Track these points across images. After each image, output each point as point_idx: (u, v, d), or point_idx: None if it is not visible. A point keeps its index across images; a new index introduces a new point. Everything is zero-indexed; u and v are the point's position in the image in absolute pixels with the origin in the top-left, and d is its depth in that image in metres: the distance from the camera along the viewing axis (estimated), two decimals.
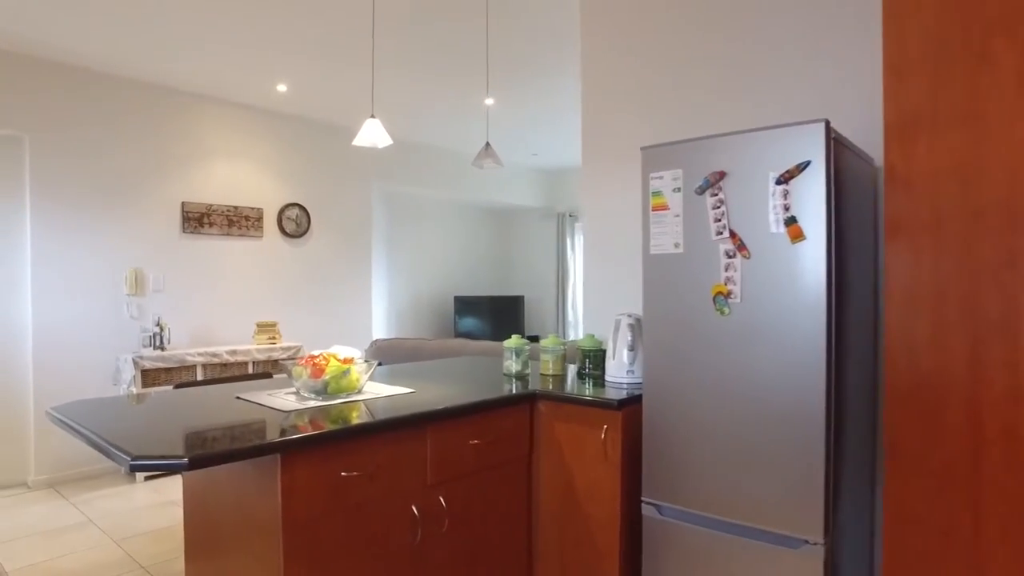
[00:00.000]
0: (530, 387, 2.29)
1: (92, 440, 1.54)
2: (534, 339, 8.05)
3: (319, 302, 5.59)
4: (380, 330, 6.63)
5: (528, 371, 2.63)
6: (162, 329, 4.37)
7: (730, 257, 1.79)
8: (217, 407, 1.91)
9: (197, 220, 4.80)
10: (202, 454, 1.39)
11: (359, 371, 2.06)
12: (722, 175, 1.79)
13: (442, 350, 3.66)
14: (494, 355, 3.68)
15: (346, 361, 2.02)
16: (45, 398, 4.11)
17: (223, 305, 4.96)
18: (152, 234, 4.58)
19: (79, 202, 4.25)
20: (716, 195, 1.80)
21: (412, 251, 7.41)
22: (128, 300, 4.44)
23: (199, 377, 4.39)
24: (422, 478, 1.87)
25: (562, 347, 2.61)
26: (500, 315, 7.78)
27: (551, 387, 2.29)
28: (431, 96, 4.85)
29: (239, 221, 5.04)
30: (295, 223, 5.38)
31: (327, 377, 1.98)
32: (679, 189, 1.88)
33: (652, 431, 1.98)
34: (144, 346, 4.24)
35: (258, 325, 4.92)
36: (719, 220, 1.80)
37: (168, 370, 4.25)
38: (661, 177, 1.92)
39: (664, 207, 1.91)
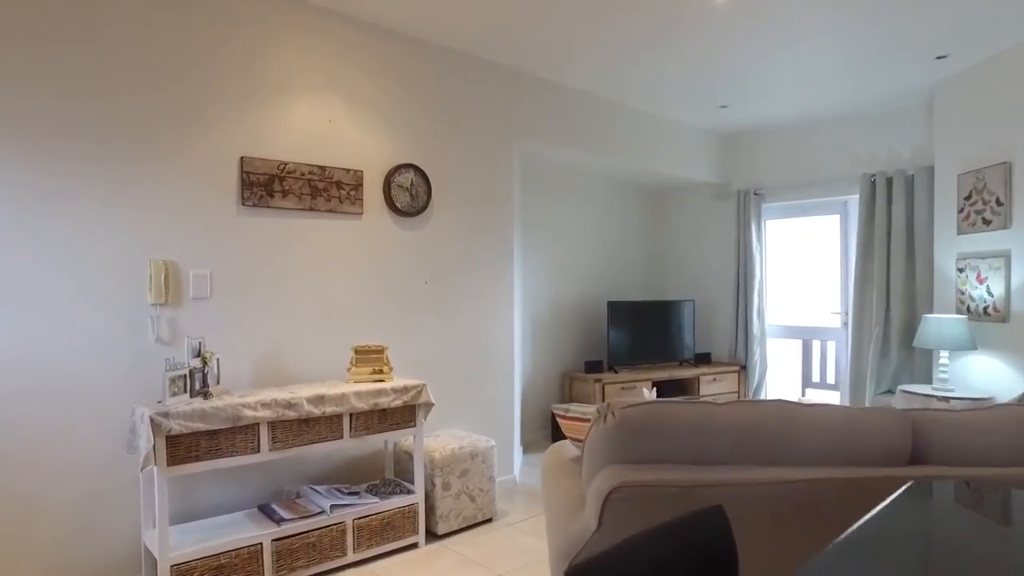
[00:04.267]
0: None
1: None
2: (704, 358, 5.99)
3: (444, 313, 3.74)
4: (515, 348, 4.74)
5: None
6: (206, 361, 2.62)
7: None
8: None
9: (263, 186, 3.04)
10: None
11: None
12: None
13: (752, 422, 1.71)
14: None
15: None
16: (8, 484, 2.41)
17: (303, 320, 3.18)
18: (192, 208, 2.84)
19: (73, 158, 2.54)
20: None
21: (550, 240, 5.50)
22: (153, 314, 2.71)
23: (265, 444, 2.60)
24: None
25: None
26: (662, 326, 5.75)
27: None
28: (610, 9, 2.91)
29: (327, 189, 3.25)
30: (409, 194, 3.55)
31: None
32: None
33: None
34: (175, 391, 2.48)
35: (356, 351, 3.11)
36: None
37: (212, 434, 2.47)
38: None
39: None
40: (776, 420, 1.72)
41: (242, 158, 2.97)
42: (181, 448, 2.40)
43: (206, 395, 2.58)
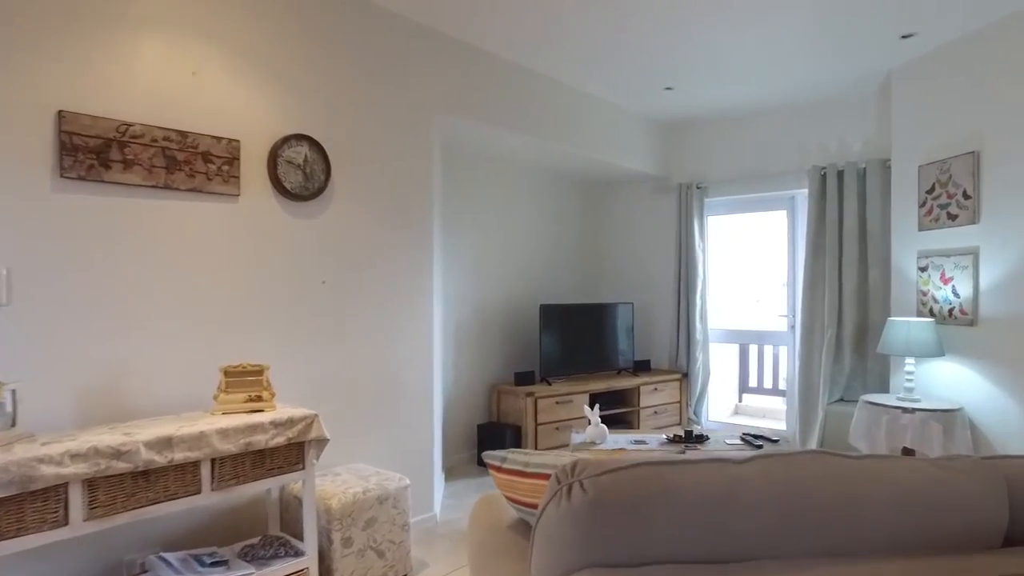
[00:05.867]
0: None
1: None
2: (643, 365, 5.51)
3: (346, 321, 3.03)
4: (435, 361, 4.07)
5: None
6: None
7: None
8: None
9: (95, 154, 2.25)
10: None
11: None
12: None
13: (792, 490, 1.13)
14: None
15: None
16: None
17: (153, 333, 2.41)
18: None
19: None
20: None
21: (476, 236, 4.86)
22: None
23: (77, 512, 1.83)
24: None
25: None
26: (599, 331, 5.23)
27: None
28: None
29: (190, 161, 2.49)
30: (302, 172, 2.83)
31: None
32: None
33: None
34: None
35: (227, 373, 2.37)
36: None
37: None
38: None
39: None
40: (825, 485, 1.15)
41: (61, 113, 2.17)
42: None
43: None
